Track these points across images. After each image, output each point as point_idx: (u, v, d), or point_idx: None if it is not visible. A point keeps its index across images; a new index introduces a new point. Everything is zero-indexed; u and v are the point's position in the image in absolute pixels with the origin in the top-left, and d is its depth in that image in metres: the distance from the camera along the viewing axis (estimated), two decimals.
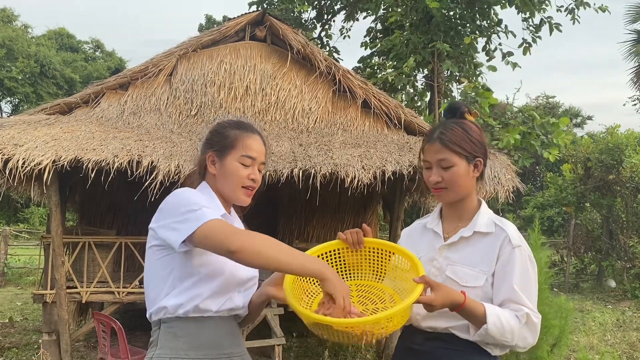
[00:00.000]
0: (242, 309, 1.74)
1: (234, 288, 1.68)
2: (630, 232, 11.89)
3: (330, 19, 13.19)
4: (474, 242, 1.69)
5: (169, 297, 1.60)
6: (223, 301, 1.65)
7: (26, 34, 30.95)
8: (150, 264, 1.66)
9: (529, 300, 1.61)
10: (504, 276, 1.63)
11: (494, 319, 1.55)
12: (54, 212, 5.36)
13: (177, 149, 5.25)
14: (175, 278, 1.60)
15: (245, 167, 1.71)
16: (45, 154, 4.80)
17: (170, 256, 1.60)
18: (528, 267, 1.64)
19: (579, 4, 10.48)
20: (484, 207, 1.76)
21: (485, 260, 1.66)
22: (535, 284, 1.66)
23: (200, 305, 1.60)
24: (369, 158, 5.55)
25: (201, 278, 1.60)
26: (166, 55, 6.65)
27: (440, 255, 1.73)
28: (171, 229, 1.54)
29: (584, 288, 12.63)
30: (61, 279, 5.47)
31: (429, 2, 8.97)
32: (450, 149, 1.67)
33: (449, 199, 1.74)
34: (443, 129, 1.72)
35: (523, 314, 1.58)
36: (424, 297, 1.49)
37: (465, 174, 1.69)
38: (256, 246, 1.45)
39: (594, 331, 8.00)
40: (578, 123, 28.69)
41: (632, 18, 19.34)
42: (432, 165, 1.72)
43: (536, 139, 8.43)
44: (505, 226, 1.69)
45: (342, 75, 6.78)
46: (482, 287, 1.63)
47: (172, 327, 1.61)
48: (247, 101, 6.60)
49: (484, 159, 1.73)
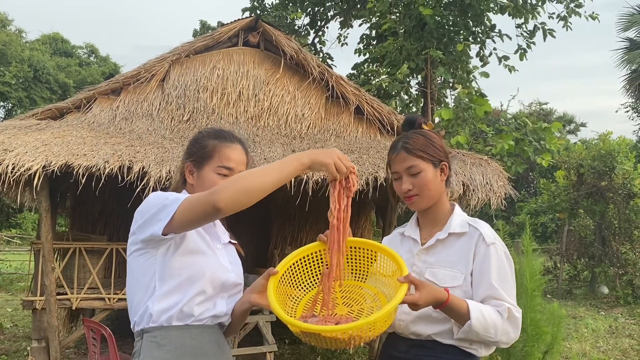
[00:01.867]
0: (226, 316, 1.71)
1: (217, 293, 1.66)
2: (623, 238, 11.93)
3: (324, 26, 13.23)
4: (450, 244, 1.73)
5: (152, 303, 1.58)
6: (206, 306, 1.63)
7: (20, 39, 30.84)
8: (131, 272, 1.64)
9: (508, 295, 1.64)
10: (481, 274, 1.66)
11: (477, 314, 1.57)
12: (44, 218, 5.32)
13: (168, 155, 5.23)
14: (157, 282, 1.58)
15: (223, 177, 1.69)
16: (35, 159, 4.77)
17: (150, 260, 1.58)
18: (504, 264, 1.68)
19: (571, 12, 10.56)
20: (457, 210, 1.80)
21: (462, 260, 1.69)
22: (512, 279, 1.69)
23: (183, 310, 1.58)
24: (362, 164, 5.55)
25: (182, 281, 1.58)
26: (159, 60, 6.64)
27: (418, 259, 1.76)
28: (151, 223, 1.53)
29: (577, 294, 12.65)
30: (51, 285, 5.42)
31: (423, 9, 9.02)
32: (416, 155, 1.72)
33: (422, 206, 1.77)
34: (405, 139, 1.77)
35: (504, 308, 1.61)
36: (408, 297, 1.49)
37: (434, 178, 1.74)
38: (237, 190, 1.42)
39: (586, 338, 8.00)
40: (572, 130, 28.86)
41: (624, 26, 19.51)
42: (401, 174, 1.76)
43: (529, 145, 8.47)
44: (478, 225, 1.73)
45: (335, 81, 6.79)
46: (461, 286, 1.66)
47: (155, 337, 1.58)
48: (240, 107, 6.59)
49: (448, 163, 1.79)
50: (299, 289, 1.68)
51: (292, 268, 1.69)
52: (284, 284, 1.65)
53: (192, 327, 1.61)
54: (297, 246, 7.67)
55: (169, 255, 1.57)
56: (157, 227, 1.51)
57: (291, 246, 7.72)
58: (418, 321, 1.69)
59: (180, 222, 1.48)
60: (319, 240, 1.71)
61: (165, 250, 1.58)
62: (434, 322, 1.66)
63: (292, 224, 8.07)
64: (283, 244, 7.90)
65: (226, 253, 1.74)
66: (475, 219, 1.77)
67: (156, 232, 1.51)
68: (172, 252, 1.58)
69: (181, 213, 1.47)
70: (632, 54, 19.37)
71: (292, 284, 1.68)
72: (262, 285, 1.66)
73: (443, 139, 1.87)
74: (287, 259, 1.71)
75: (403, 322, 1.73)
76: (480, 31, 10.65)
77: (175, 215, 1.47)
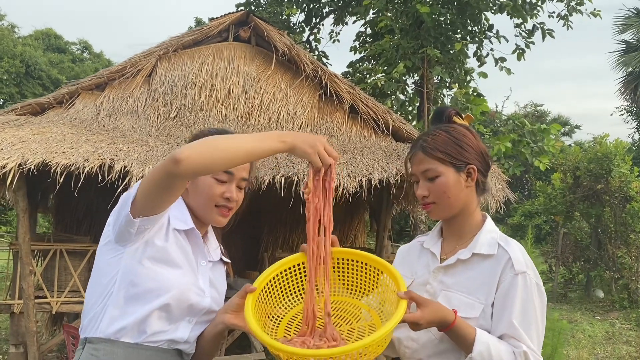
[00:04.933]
0: (187, 344, 1.48)
1: (182, 315, 1.44)
2: (619, 242, 11.83)
3: (319, 23, 13.03)
4: (472, 266, 1.47)
5: (104, 309, 1.38)
6: (165, 327, 1.41)
7: (12, 34, 30.49)
8: (95, 267, 1.46)
9: (530, 338, 1.37)
10: (503, 307, 1.40)
11: (482, 347, 1.34)
12: (22, 218, 5.09)
13: (152, 153, 5.00)
14: (116, 286, 1.38)
15: (221, 183, 1.50)
16: (10, 156, 4.54)
17: (116, 259, 1.39)
18: (533, 298, 1.41)
19: (572, 10, 10.39)
20: (488, 224, 1.54)
21: (483, 287, 1.44)
22: (542, 318, 1.42)
23: (137, 324, 1.37)
24: (355, 165, 5.35)
25: (144, 292, 1.37)
26: (145, 55, 6.40)
27: (434, 278, 1.52)
28: (120, 209, 1.37)
29: (572, 298, 12.55)
30: (29, 288, 5.20)
31: (420, 7, 8.84)
32: (433, 157, 1.48)
33: (441, 215, 1.53)
34: (426, 136, 1.53)
35: (521, 351, 1.35)
36: (409, 315, 1.30)
37: (455, 184, 1.48)
38: (204, 144, 1.24)
39: (583, 345, 7.84)
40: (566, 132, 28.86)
41: (620, 28, 19.49)
42: (418, 178, 1.52)
43: (526, 146, 8.30)
44: (509, 248, 1.46)
45: (328, 79, 6.59)
46: (478, 318, 1.41)
47: (97, 350, 1.37)
48: (230, 104, 6.37)
49: (479, 166, 1.51)
50: (280, 307, 1.50)
51: (271, 283, 1.50)
52: (262, 301, 1.45)
53: (143, 347, 1.38)
54: (289, 249, 7.54)
55: (136, 257, 1.37)
56: (125, 211, 1.33)
57: (282, 249, 7.51)
58: (423, 350, 1.48)
59: (143, 195, 1.30)
60: (301, 251, 1.51)
61: (134, 251, 1.38)
62: (444, 351, 1.44)
63: (284, 227, 7.87)
64: (274, 246, 7.70)
65: (210, 272, 1.53)
66: (507, 239, 1.51)
67: (126, 216, 1.33)
68: (141, 255, 1.38)
69: (142, 184, 1.31)
70: (628, 57, 19.34)
71: (271, 302, 1.49)
72: (237, 304, 1.44)
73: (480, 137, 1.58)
74: (266, 273, 1.51)
75: (409, 350, 1.51)
76: (478, 30, 10.48)
77: (138, 190, 1.31)
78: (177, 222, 1.45)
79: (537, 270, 1.48)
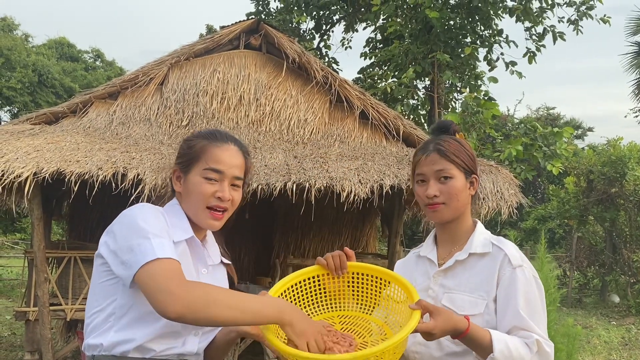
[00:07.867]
0: (196, 356, 1.48)
1: (188, 330, 1.43)
2: (634, 246, 11.70)
3: (329, 30, 13.06)
4: (470, 266, 1.55)
5: (107, 333, 1.36)
6: (172, 344, 1.40)
7: (26, 43, 30.91)
8: (93, 285, 1.42)
9: (538, 326, 1.45)
10: (507, 301, 1.47)
11: (501, 346, 1.38)
12: (37, 227, 5.14)
13: (165, 161, 5.04)
14: (117, 310, 1.36)
15: (210, 182, 1.46)
16: (26, 165, 4.59)
17: (115, 281, 1.37)
18: (533, 289, 1.49)
19: (582, 15, 10.31)
20: (479, 227, 1.64)
21: (483, 284, 1.51)
22: (543, 307, 1.51)
23: (143, 345, 1.36)
24: (367, 171, 5.35)
25: (146, 314, 1.35)
26: (157, 63, 6.46)
27: (435, 283, 1.59)
28: (120, 263, 1.33)
29: (587, 303, 12.40)
30: (44, 296, 5.24)
31: (429, 12, 8.84)
32: (449, 159, 1.56)
33: (445, 217, 1.59)
34: (439, 140, 1.61)
35: (533, 341, 1.41)
36: (422, 325, 1.32)
37: (463, 189, 1.58)
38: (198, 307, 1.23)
39: (599, 350, 7.74)
40: (579, 135, 28.56)
41: (632, 30, 19.26)
42: (429, 178, 1.58)
43: (539, 150, 8.24)
44: (503, 245, 1.55)
45: (339, 85, 6.60)
46: (483, 314, 1.48)
47: None
48: (241, 111, 6.40)
49: (478, 178, 1.65)
50: None
51: (286, 293, 1.53)
52: None
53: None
54: (300, 255, 7.53)
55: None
56: (125, 277, 1.32)
57: (293, 255, 7.51)
58: (433, 355, 1.51)
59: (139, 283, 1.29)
60: (317, 264, 1.55)
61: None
62: (454, 357, 1.48)
63: (296, 232, 7.86)
64: (286, 252, 7.69)
65: (212, 278, 1.50)
66: (499, 238, 1.60)
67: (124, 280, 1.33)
68: None
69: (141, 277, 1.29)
70: None
71: None
72: None
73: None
74: (281, 283, 1.53)
75: (418, 355, 1.54)
76: (488, 34, 10.44)
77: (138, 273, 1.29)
78: (177, 232, 1.42)
79: (531, 264, 1.56)
